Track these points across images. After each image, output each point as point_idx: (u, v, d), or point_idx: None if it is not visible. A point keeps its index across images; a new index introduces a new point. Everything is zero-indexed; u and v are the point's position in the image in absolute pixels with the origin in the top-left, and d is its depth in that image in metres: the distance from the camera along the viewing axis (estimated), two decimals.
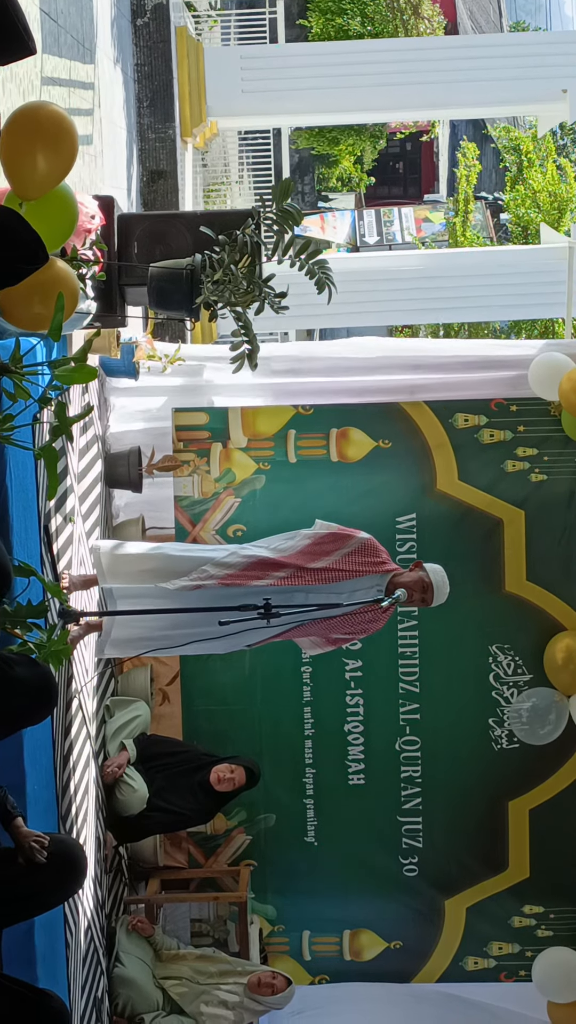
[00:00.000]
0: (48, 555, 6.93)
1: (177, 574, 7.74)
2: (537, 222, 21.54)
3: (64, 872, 5.86)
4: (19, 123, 5.58)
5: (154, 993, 8.80)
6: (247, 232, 6.97)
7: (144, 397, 9.96)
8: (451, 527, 9.69)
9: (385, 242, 28.90)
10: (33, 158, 5.53)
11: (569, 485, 9.65)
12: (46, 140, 5.56)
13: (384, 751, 9.90)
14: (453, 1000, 10.01)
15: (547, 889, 9.99)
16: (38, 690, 5.40)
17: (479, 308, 14.67)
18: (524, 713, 9.73)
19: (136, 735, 9.21)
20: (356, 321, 14.69)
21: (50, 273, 5.58)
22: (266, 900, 10.01)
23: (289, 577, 7.72)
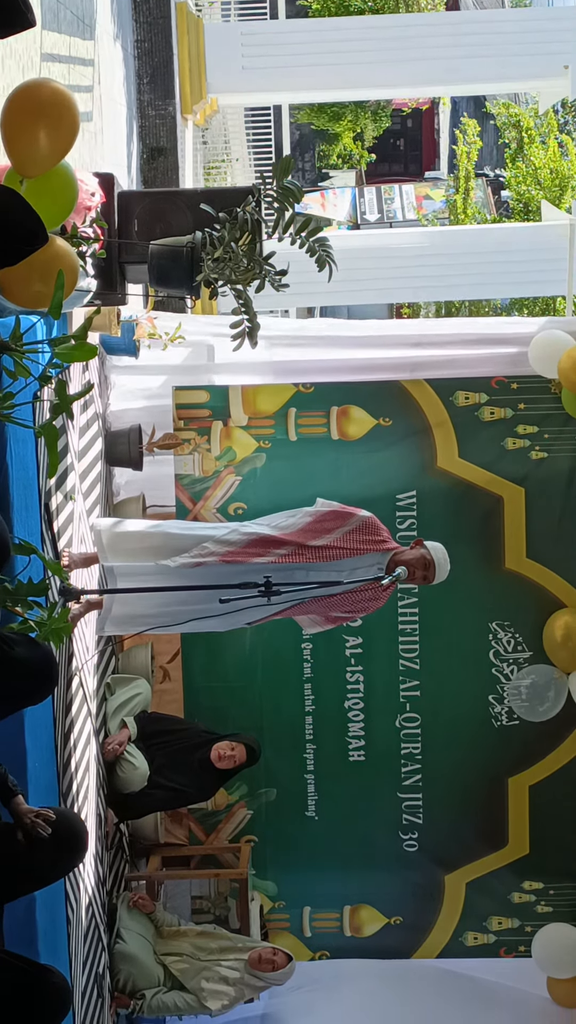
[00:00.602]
0: (48, 533, 6.93)
1: (178, 551, 7.75)
2: (538, 199, 21.49)
3: (65, 845, 5.88)
4: (21, 100, 5.58)
5: (155, 969, 8.83)
6: (247, 209, 6.96)
7: (144, 375, 9.95)
8: (451, 505, 9.70)
9: (386, 219, 28.86)
10: (35, 136, 5.52)
11: (569, 463, 9.65)
12: (48, 118, 5.55)
13: (384, 728, 9.93)
14: (453, 976, 10.03)
15: (547, 865, 10.02)
16: (39, 670, 5.41)
17: (480, 285, 14.64)
18: (523, 690, 9.75)
19: (137, 713, 9.22)
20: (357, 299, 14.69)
21: (50, 251, 5.58)
22: (266, 876, 10.04)
23: (290, 555, 7.72)
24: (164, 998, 8.75)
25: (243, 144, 20.50)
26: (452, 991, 9.89)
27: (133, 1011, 8.74)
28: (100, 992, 8.08)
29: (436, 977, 10.01)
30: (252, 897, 9.76)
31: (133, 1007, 8.71)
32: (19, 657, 5.26)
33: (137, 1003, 8.71)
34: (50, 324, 6.40)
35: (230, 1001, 8.80)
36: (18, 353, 5.21)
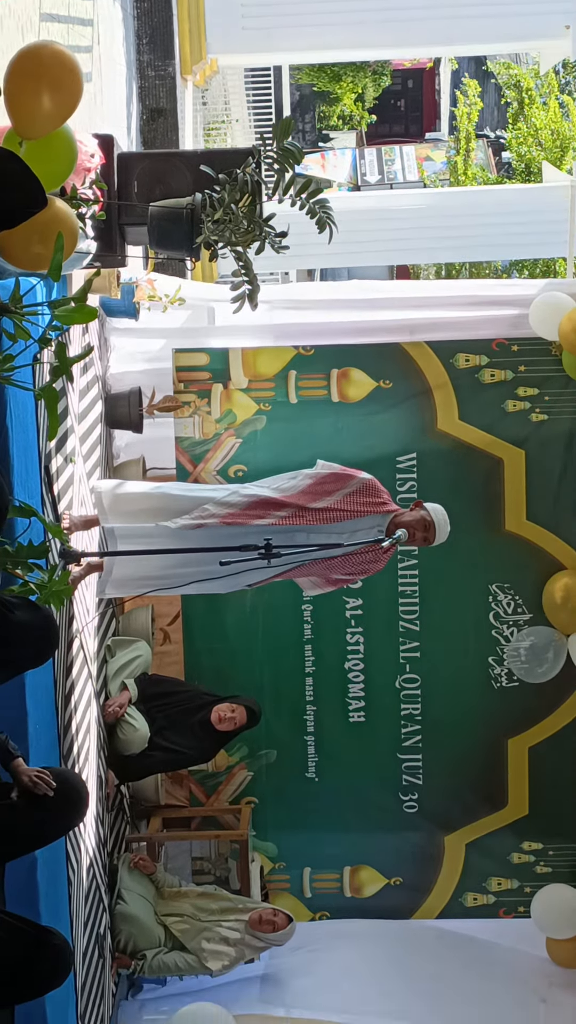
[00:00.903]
0: (49, 495, 6.94)
1: (178, 513, 7.75)
2: (539, 160, 21.41)
3: (66, 804, 5.89)
4: (24, 62, 5.55)
5: (156, 930, 8.88)
6: (247, 171, 6.94)
7: (144, 337, 9.94)
8: (451, 467, 9.70)
9: (386, 181, 28.74)
10: (38, 98, 5.50)
11: (569, 425, 9.65)
12: (52, 81, 5.53)
13: (384, 689, 9.96)
14: (453, 936, 10.08)
15: (546, 826, 10.06)
16: (39, 634, 5.42)
17: (480, 247, 14.61)
18: (523, 652, 9.77)
19: (137, 675, 9.24)
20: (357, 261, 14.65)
21: (49, 213, 5.56)
22: (267, 837, 10.08)
23: (290, 517, 7.72)
24: (165, 958, 8.80)
25: (243, 105, 20.41)
26: (452, 951, 9.93)
27: (134, 971, 8.79)
28: (101, 952, 8.12)
29: (436, 937, 10.05)
30: (252, 858, 9.81)
31: (134, 967, 8.76)
32: (19, 621, 5.27)
33: (138, 963, 8.75)
34: (50, 286, 6.39)
35: (230, 961, 8.84)
36: (18, 315, 5.21)
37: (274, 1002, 9.07)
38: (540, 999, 9.52)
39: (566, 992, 9.60)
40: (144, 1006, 9.01)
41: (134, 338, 9.91)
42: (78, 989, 7.07)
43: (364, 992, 9.20)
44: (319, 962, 9.51)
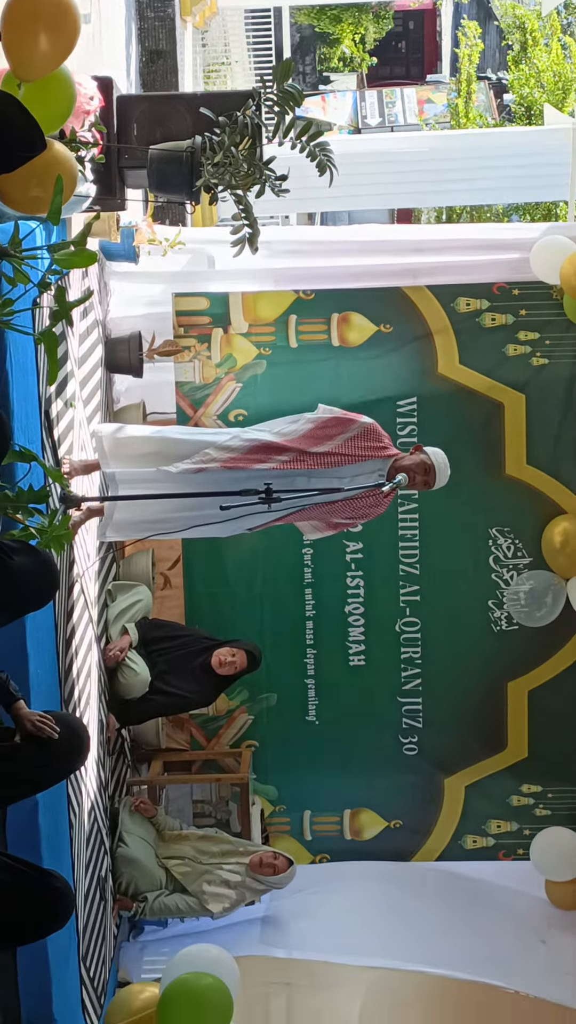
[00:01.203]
0: (49, 440, 6.93)
1: (179, 457, 7.74)
2: (541, 103, 21.28)
3: (68, 747, 5.92)
4: (20, 3, 5.52)
5: (157, 872, 8.93)
6: (247, 114, 6.92)
7: (144, 282, 9.91)
8: (452, 411, 9.70)
9: (387, 124, 28.61)
10: (34, 40, 5.47)
11: (570, 369, 9.64)
12: (48, 21, 5.50)
13: (384, 632, 9.98)
14: (453, 878, 10.13)
15: (545, 769, 10.10)
16: (39, 577, 5.42)
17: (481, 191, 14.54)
18: (522, 596, 9.79)
19: (138, 619, 9.26)
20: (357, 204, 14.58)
21: (48, 156, 5.54)
22: (267, 780, 10.13)
23: (291, 461, 7.72)
24: (166, 900, 8.85)
25: (243, 47, 20.26)
26: (452, 893, 9.99)
27: (135, 913, 8.84)
28: (103, 895, 8.17)
29: (436, 879, 10.10)
30: (253, 801, 9.85)
31: (135, 909, 8.81)
32: (18, 566, 5.27)
33: (139, 905, 8.81)
34: (49, 230, 6.37)
35: (231, 904, 8.90)
36: (17, 259, 5.19)
37: (275, 944, 9.13)
38: (540, 940, 9.59)
39: (566, 933, 9.66)
40: (145, 948, 9.06)
41: (134, 282, 9.88)
42: (80, 931, 7.11)
43: (365, 933, 9.25)
44: (320, 904, 9.56)
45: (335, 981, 8.83)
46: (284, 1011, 8.74)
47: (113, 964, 8.42)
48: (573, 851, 9.87)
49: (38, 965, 6.34)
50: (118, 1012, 6.91)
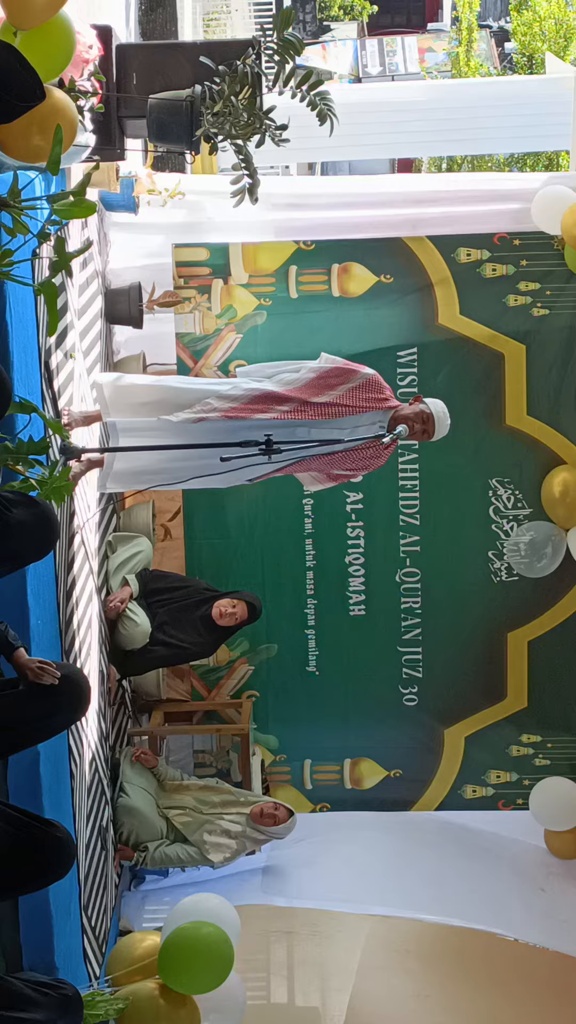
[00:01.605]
0: (49, 392, 6.92)
1: (180, 407, 7.73)
2: (542, 51, 21.16)
3: (69, 697, 5.93)
4: None
5: (158, 822, 8.96)
6: (247, 63, 6.89)
7: (144, 233, 9.88)
8: (452, 362, 9.69)
9: (388, 73, 28.46)
10: None
11: (570, 320, 9.62)
12: None
13: (384, 583, 10.00)
14: (452, 827, 10.18)
15: (545, 719, 10.13)
16: (38, 529, 5.42)
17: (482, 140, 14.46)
18: (522, 546, 9.80)
19: (138, 570, 9.28)
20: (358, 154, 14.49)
21: (48, 105, 5.51)
22: (268, 730, 10.16)
23: (292, 411, 7.71)
24: (167, 850, 8.89)
25: None
26: (452, 842, 10.03)
27: (136, 863, 8.88)
28: (104, 845, 8.20)
29: (436, 828, 10.15)
30: (253, 752, 9.89)
31: (136, 859, 8.85)
32: (18, 518, 5.27)
33: (140, 855, 8.85)
34: (48, 180, 6.35)
35: (232, 854, 8.93)
36: (16, 210, 5.18)
37: (276, 892, 9.17)
38: (539, 888, 9.64)
39: (565, 882, 9.71)
40: (146, 897, 9.11)
41: (134, 233, 9.85)
42: (81, 881, 7.15)
43: (365, 882, 9.30)
44: (321, 853, 9.60)
45: (335, 929, 8.90)
46: (285, 959, 8.80)
47: (114, 913, 8.47)
48: (572, 801, 9.91)
49: (40, 914, 6.38)
50: (119, 961, 6.96)
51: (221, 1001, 6.82)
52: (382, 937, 8.93)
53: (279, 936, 9.09)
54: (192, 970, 6.64)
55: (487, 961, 8.86)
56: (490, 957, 8.88)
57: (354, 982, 8.56)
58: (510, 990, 8.63)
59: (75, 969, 6.83)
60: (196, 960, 6.66)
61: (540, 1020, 8.38)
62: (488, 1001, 8.47)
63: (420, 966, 8.79)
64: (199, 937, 6.73)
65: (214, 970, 6.66)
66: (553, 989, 8.69)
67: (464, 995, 8.49)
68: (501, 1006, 8.41)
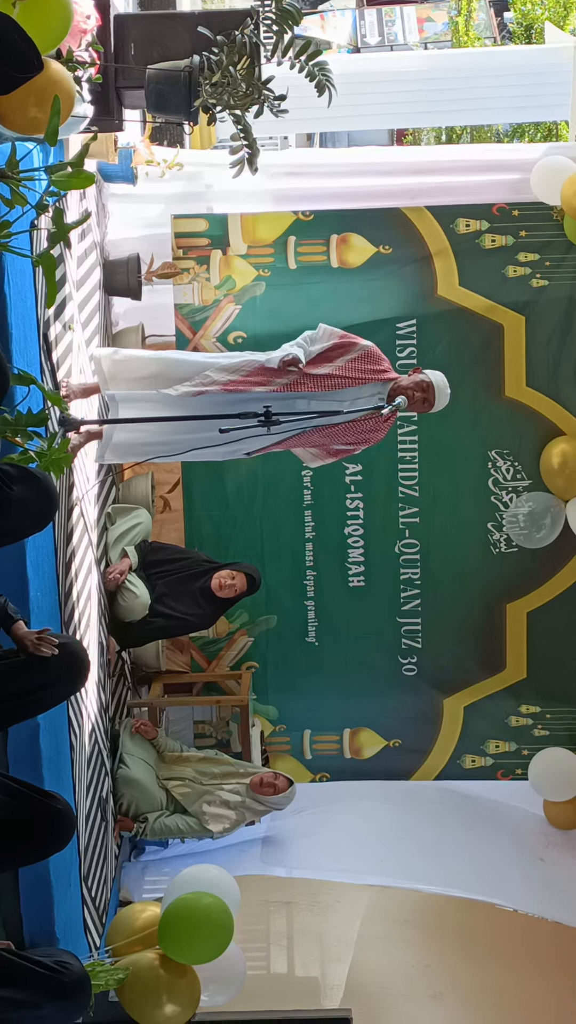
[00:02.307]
0: (47, 363, 6.92)
1: (179, 380, 7.72)
2: (541, 20, 21.08)
3: (68, 669, 5.93)
4: None
5: (158, 793, 8.99)
6: (246, 33, 6.87)
7: (143, 204, 9.86)
8: (451, 333, 9.68)
9: (386, 43, 28.32)
10: None
11: (570, 291, 9.61)
12: None
13: (384, 554, 10.02)
14: (452, 796, 10.20)
15: (544, 690, 10.15)
16: (38, 502, 5.41)
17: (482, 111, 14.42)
18: (521, 518, 9.80)
19: (137, 542, 9.29)
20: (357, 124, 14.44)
21: (45, 76, 5.49)
22: (267, 701, 10.19)
23: (291, 384, 7.71)
24: (167, 821, 8.92)
25: None
26: (452, 811, 10.05)
27: (136, 834, 8.91)
28: (104, 816, 8.23)
29: (436, 797, 10.17)
30: (253, 723, 9.91)
31: (136, 830, 8.88)
32: (17, 491, 5.27)
33: (140, 826, 8.87)
34: (46, 151, 6.33)
35: (231, 824, 8.96)
36: (14, 181, 5.17)
37: (275, 863, 9.19)
38: (539, 858, 9.66)
39: (564, 852, 9.74)
40: (147, 868, 9.14)
41: (132, 204, 9.83)
42: (81, 852, 7.17)
43: (365, 852, 9.32)
44: (320, 823, 9.62)
45: (335, 900, 8.92)
46: (285, 929, 8.83)
47: (114, 884, 8.50)
48: (571, 771, 9.93)
49: (40, 885, 6.40)
50: (119, 931, 6.98)
51: (221, 971, 6.84)
52: (382, 907, 8.96)
53: (279, 906, 9.12)
54: (192, 940, 6.66)
55: (487, 931, 8.90)
56: (490, 927, 8.91)
57: (354, 952, 8.60)
58: (509, 960, 8.66)
59: (75, 939, 6.85)
60: (196, 930, 6.68)
61: (539, 989, 8.42)
62: (487, 971, 8.51)
63: (420, 936, 8.82)
64: (199, 907, 6.76)
65: (214, 940, 6.68)
66: (552, 959, 8.72)
67: (464, 965, 8.53)
68: (500, 976, 8.45)
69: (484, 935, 8.87)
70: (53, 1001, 5.66)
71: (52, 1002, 5.65)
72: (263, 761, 9.91)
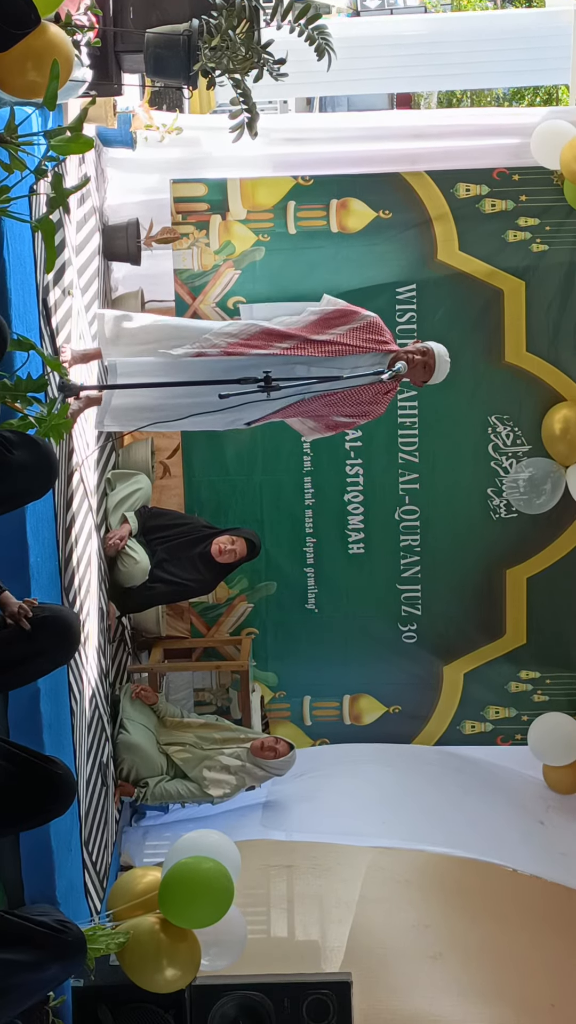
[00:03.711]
0: (47, 329, 6.90)
1: (180, 342, 7.70)
2: None
3: (58, 638, 5.92)
4: None
5: (158, 758, 9.01)
6: None
7: (142, 169, 9.83)
8: (451, 298, 9.66)
9: (386, 6, 28.20)
10: None
11: (570, 255, 9.59)
12: None
13: (384, 520, 10.02)
14: (453, 759, 10.23)
15: (543, 655, 10.17)
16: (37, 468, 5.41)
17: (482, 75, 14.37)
18: (521, 483, 9.81)
19: (137, 508, 9.28)
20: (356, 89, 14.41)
21: (44, 39, 5.48)
22: (267, 667, 10.21)
23: (293, 348, 7.67)
24: (167, 786, 8.94)
25: None
26: (453, 775, 10.08)
27: (137, 799, 8.93)
28: (104, 781, 8.24)
29: (437, 761, 10.20)
30: (253, 689, 9.93)
31: (137, 795, 8.90)
32: (17, 458, 5.26)
33: (140, 791, 8.90)
34: (45, 116, 6.32)
35: (231, 789, 8.98)
36: (13, 145, 5.15)
37: (276, 827, 9.20)
38: (538, 821, 9.70)
39: (564, 815, 9.77)
40: (147, 833, 9.16)
41: (131, 169, 9.80)
42: (82, 817, 7.19)
43: (365, 815, 9.33)
44: (321, 787, 9.63)
45: (335, 862, 8.95)
46: (285, 892, 8.86)
47: (115, 849, 8.52)
48: (570, 736, 9.95)
49: (41, 850, 6.42)
50: (120, 895, 6.99)
51: (221, 935, 6.85)
52: (383, 869, 8.98)
53: (279, 870, 9.14)
54: (192, 905, 6.67)
55: (486, 892, 8.92)
56: (489, 888, 8.94)
57: (354, 914, 8.62)
58: (509, 920, 8.69)
59: (76, 904, 6.88)
60: (196, 895, 6.69)
61: (537, 949, 8.45)
62: (487, 931, 8.54)
63: (420, 897, 8.84)
64: (200, 872, 6.76)
65: (214, 905, 6.69)
66: (550, 919, 8.75)
67: (463, 925, 8.55)
68: (499, 936, 8.48)
69: (484, 896, 8.90)
70: (57, 961, 5.68)
71: (57, 962, 5.68)
72: (263, 727, 9.94)
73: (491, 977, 8.16)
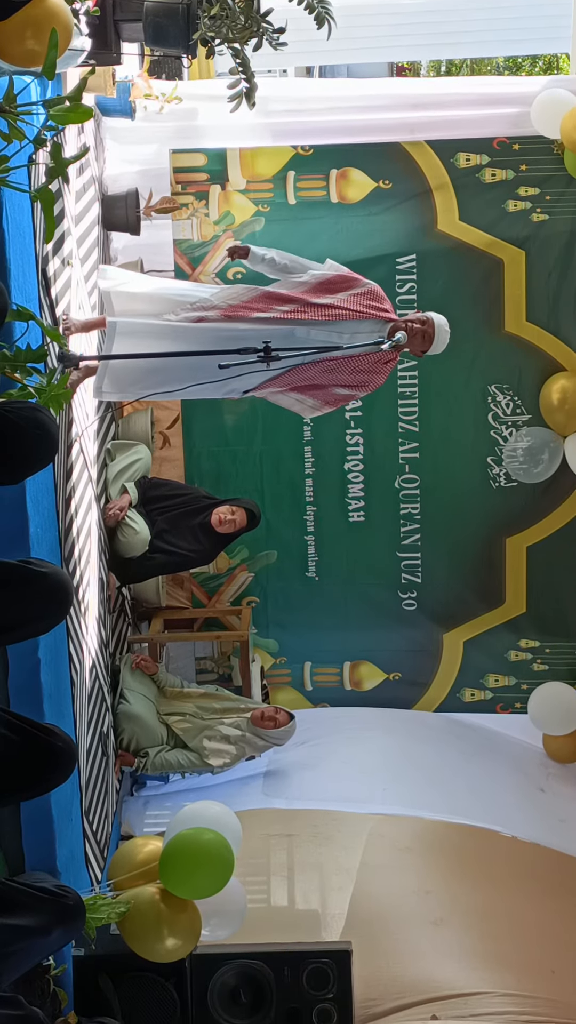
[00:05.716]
0: (47, 299, 6.90)
1: (181, 306, 7.68)
2: None
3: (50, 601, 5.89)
4: None
5: (158, 728, 9.03)
6: None
7: (141, 139, 9.80)
8: (451, 268, 9.66)
9: None
10: None
11: (570, 225, 9.58)
12: None
13: (384, 489, 10.04)
14: (453, 726, 10.27)
15: (543, 624, 10.20)
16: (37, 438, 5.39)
17: (482, 43, 14.31)
18: (520, 452, 9.82)
19: (137, 478, 9.29)
20: (356, 57, 14.34)
21: (43, 8, 5.47)
22: (268, 634, 10.24)
23: (293, 311, 7.65)
24: (167, 756, 8.96)
25: None
26: (453, 740, 10.11)
27: (137, 768, 8.95)
28: (105, 751, 8.26)
29: (438, 726, 10.23)
30: (253, 658, 9.95)
31: (137, 765, 8.92)
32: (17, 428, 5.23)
33: (141, 761, 8.92)
34: (44, 85, 6.29)
35: (231, 759, 9.00)
36: (12, 115, 5.14)
37: (276, 795, 9.22)
38: (539, 789, 9.72)
39: (564, 783, 9.81)
40: (148, 803, 9.18)
41: (130, 138, 9.78)
42: (82, 786, 7.21)
43: (366, 782, 9.35)
44: (322, 755, 9.64)
45: (336, 830, 8.95)
46: (285, 861, 8.87)
47: (116, 818, 8.54)
48: (570, 705, 9.98)
49: (41, 820, 6.44)
50: (121, 865, 7.01)
51: (222, 905, 6.87)
52: (383, 835, 8.98)
53: (280, 839, 9.14)
54: (193, 876, 6.69)
55: (487, 858, 8.93)
56: (490, 854, 8.95)
57: (355, 881, 8.62)
58: (508, 886, 8.69)
59: (77, 873, 6.90)
60: (197, 866, 6.71)
61: (537, 914, 8.46)
62: (487, 896, 8.54)
63: (421, 863, 8.83)
64: (200, 843, 6.78)
65: (215, 876, 6.71)
66: (550, 885, 8.76)
67: (464, 891, 8.55)
68: (500, 902, 8.48)
69: (485, 862, 8.90)
70: (59, 925, 5.71)
71: (59, 926, 5.71)
72: (263, 697, 9.96)
73: (492, 943, 8.15)
